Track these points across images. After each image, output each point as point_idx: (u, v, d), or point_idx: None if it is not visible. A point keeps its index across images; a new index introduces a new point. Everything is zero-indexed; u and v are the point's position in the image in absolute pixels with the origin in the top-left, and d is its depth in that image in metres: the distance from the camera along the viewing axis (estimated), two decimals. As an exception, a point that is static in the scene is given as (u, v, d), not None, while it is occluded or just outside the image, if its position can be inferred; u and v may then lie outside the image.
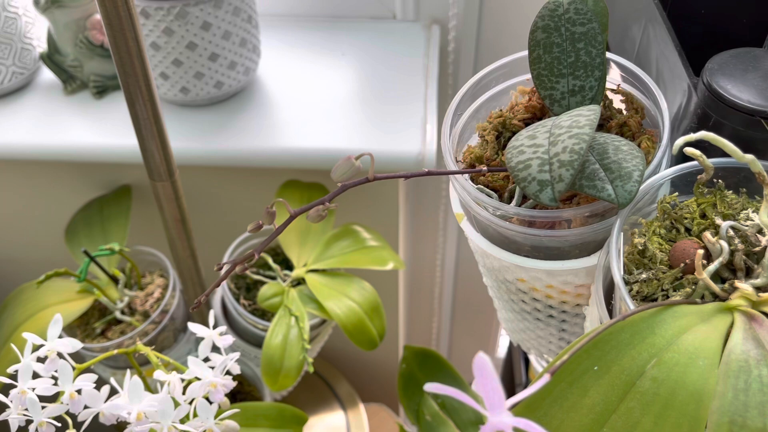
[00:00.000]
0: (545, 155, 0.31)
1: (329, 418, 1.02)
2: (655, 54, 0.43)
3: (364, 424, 1.02)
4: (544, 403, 0.29)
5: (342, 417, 1.03)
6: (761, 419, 0.26)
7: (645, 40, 0.44)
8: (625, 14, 0.49)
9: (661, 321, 0.29)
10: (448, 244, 1.14)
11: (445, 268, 1.19)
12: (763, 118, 0.33)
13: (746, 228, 0.31)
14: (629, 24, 0.48)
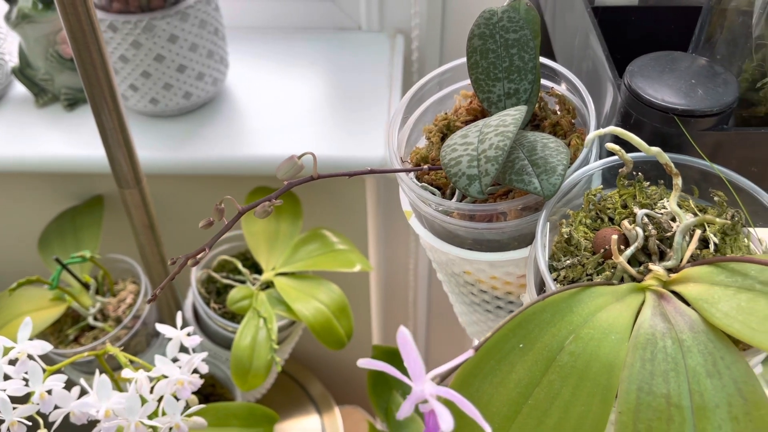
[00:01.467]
0: (474, 152, 0.34)
1: (304, 422, 1.04)
2: (591, 59, 0.46)
3: (339, 426, 1.03)
4: (476, 380, 0.31)
5: (317, 420, 1.05)
6: (665, 385, 0.28)
7: (582, 46, 0.47)
8: (567, 24, 0.52)
9: (579, 301, 0.31)
10: (420, 249, 1.16)
11: (419, 273, 1.21)
12: (676, 115, 0.36)
13: (660, 216, 0.34)
14: (571, 33, 0.51)
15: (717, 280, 0.30)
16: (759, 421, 0.27)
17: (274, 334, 0.66)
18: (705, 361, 0.28)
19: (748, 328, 0.28)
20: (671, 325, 0.30)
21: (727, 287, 0.30)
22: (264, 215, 0.34)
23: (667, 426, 0.28)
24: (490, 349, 0.31)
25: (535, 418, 0.30)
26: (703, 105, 0.36)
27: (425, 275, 1.22)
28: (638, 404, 0.28)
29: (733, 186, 0.35)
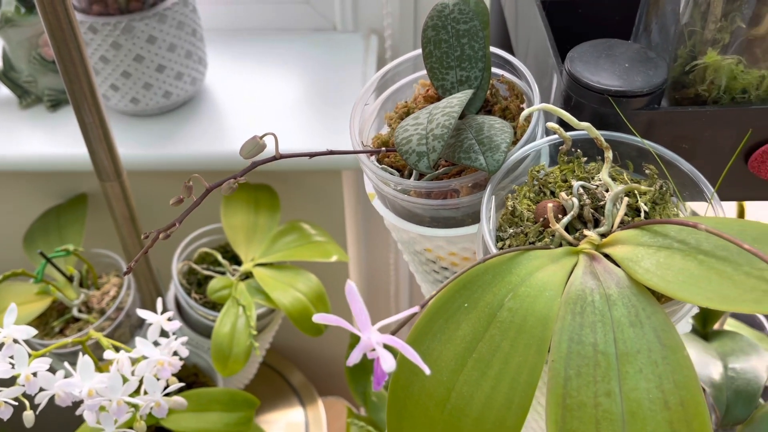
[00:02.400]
0: (423, 131, 0.37)
1: (288, 413, 1.06)
2: (540, 48, 0.49)
3: (322, 417, 1.06)
4: (426, 338, 0.34)
5: (300, 412, 1.07)
6: (593, 335, 0.31)
7: (533, 37, 0.51)
8: (521, 17, 0.55)
9: (518, 263, 0.34)
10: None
11: (399, 267, 1.24)
12: (611, 96, 0.39)
13: (594, 187, 0.37)
14: (524, 25, 0.54)
15: (641, 241, 0.33)
16: (675, 363, 0.30)
17: (252, 321, 0.69)
18: (628, 313, 0.31)
19: (664, 280, 0.31)
20: (600, 282, 0.33)
21: (649, 247, 0.33)
22: (230, 191, 0.37)
23: (594, 371, 0.31)
24: (438, 310, 0.34)
25: (479, 369, 0.33)
26: (634, 86, 0.39)
27: (406, 269, 1.25)
28: (569, 352, 0.31)
29: (663, 160, 0.38)
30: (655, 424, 0.29)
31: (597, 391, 0.30)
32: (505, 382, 0.32)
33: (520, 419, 0.32)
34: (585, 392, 0.30)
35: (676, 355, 0.30)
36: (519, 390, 0.32)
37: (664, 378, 0.30)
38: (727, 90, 0.41)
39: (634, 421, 0.30)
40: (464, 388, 0.33)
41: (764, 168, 0.42)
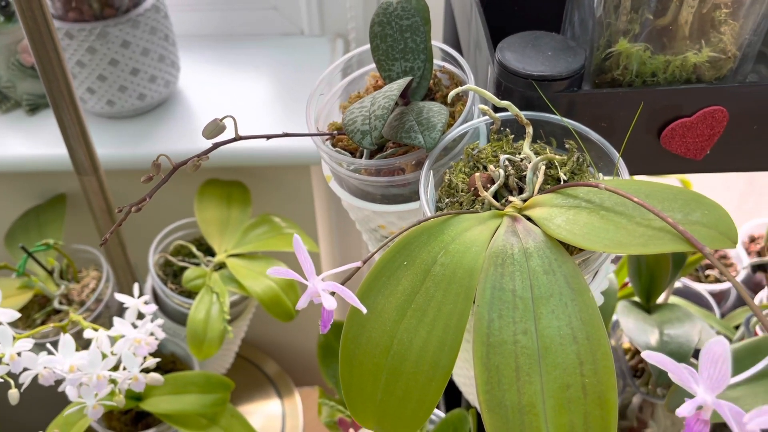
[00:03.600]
0: (367, 113, 0.42)
1: (266, 405, 1.10)
2: (478, 41, 0.54)
3: (298, 408, 1.10)
4: (371, 293, 0.39)
5: (278, 404, 1.11)
6: (512, 282, 0.36)
7: (474, 32, 0.56)
8: (463, 14, 0.60)
9: (450, 225, 0.39)
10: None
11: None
12: (534, 80, 0.44)
13: (518, 160, 0.42)
14: (466, 20, 0.59)
15: (555, 203, 0.38)
16: (582, 304, 0.35)
17: (226, 306, 0.73)
18: (543, 263, 0.36)
19: (572, 233, 0.36)
20: (519, 239, 0.37)
21: (561, 207, 0.38)
22: (194, 169, 0.41)
23: (513, 313, 0.35)
24: (382, 268, 0.39)
25: (416, 318, 0.37)
26: (555, 71, 0.44)
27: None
28: (492, 298, 0.36)
29: (581, 137, 0.43)
30: (565, 356, 0.34)
31: (516, 330, 0.35)
32: (439, 327, 0.36)
33: (452, 359, 0.36)
34: (506, 331, 0.35)
35: (582, 297, 0.35)
36: (450, 333, 0.36)
37: (572, 317, 0.35)
38: (638, 74, 0.46)
39: (548, 354, 0.34)
40: (405, 335, 0.37)
41: (674, 143, 0.47)
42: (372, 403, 0.39)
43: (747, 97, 0.45)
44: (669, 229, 0.33)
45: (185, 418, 0.73)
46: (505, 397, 0.34)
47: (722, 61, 0.45)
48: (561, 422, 0.33)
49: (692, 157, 0.48)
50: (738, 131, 0.47)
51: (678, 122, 0.46)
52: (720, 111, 0.46)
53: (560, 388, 0.34)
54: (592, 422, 0.33)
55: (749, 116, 0.46)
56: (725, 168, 0.49)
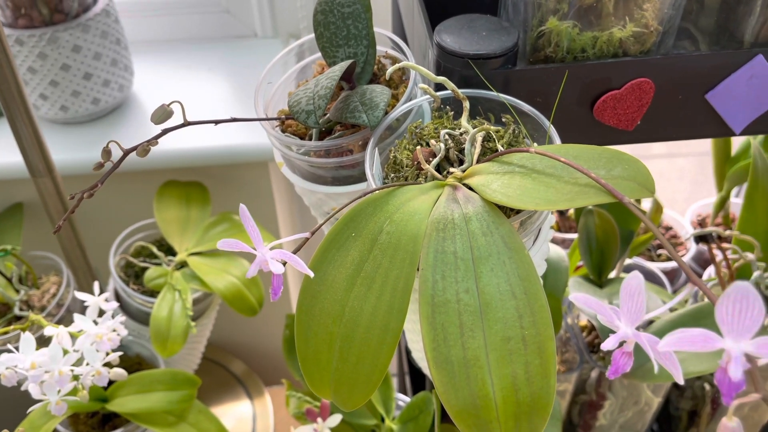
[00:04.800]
0: (311, 94, 0.43)
1: (236, 406, 1.10)
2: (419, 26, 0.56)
3: (269, 408, 1.10)
4: (322, 265, 0.40)
5: (248, 405, 1.11)
6: (453, 245, 0.38)
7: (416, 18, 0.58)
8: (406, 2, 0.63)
9: (394, 196, 0.41)
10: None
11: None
12: (470, 59, 0.46)
13: (458, 134, 0.44)
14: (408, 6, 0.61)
15: (492, 170, 0.40)
16: (519, 261, 0.37)
17: (188, 303, 0.74)
18: (481, 226, 0.38)
19: (507, 196, 0.38)
20: (459, 205, 0.39)
21: (497, 173, 0.40)
22: (144, 153, 0.43)
23: (455, 273, 0.37)
24: (331, 241, 0.40)
25: (365, 285, 0.39)
26: (489, 49, 0.46)
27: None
28: (435, 261, 0.38)
29: (517, 110, 0.45)
30: (505, 311, 0.36)
31: (458, 290, 0.37)
32: (387, 292, 0.38)
33: (401, 321, 0.38)
34: (449, 291, 0.37)
35: (519, 255, 0.37)
36: (398, 297, 0.38)
37: (510, 274, 0.37)
38: (569, 50, 0.48)
39: (489, 310, 0.36)
40: (355, 302, 0.39)
41: (606, 115, 0.50)
42: (328, 372, 0.40)
43: (670, 68, 0.48)
44: (594, 184, 0.35)
45: (152, 416, 0.73)
46: (451, 352, 0.36)
47: (646, 35, 0.48)
48: (504, 373, 0.35)
49: (624, 128, 0.51)
50: (665, 101, 0.50)
51: (608, 94, 0.49)
52: (646, 82, 0.48)
53: (502, 341, 0.36)
54: (533, 370, 0.35)
55: (674, 87, 0.49)
56: (656, 137, 0.52)
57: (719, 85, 0.49)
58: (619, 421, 0.84)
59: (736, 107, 0.50)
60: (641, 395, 0.81)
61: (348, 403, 0.41)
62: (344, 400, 0.41)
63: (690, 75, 0.49)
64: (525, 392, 0.35)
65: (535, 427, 0.36)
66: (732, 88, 0.49)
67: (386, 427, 0.80)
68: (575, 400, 0.83)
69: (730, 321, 0.24)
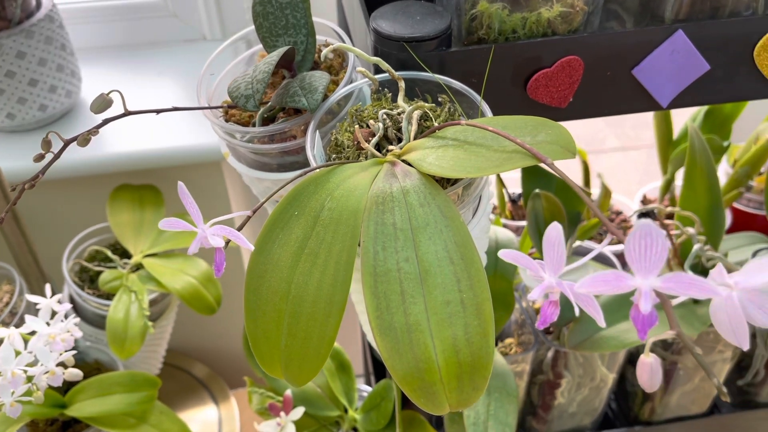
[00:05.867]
0: (249, 79, 0.44)
1: (202, 411, 1.10)
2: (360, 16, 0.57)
3: (234, 411, 1.10)
4: (267, 245, 0.41)
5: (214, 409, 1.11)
6: (392, 217, 0.39)
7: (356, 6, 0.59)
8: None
9: (334, 173, 0.42)
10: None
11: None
12: (405, 42, 0.48)
13: (395, 114, 0.45)
14: (352, 4, 0.63)
15: (427, 145, 0.42)
16: (455, 229, 0.38)
17: (145, 303, 0.74)
18: (418, 197, 0.40)
19: (441, 167, 0.39)
20: (398, 179, 0.41)
21: (432, 148, 0.41)
22: (84, 143, 0.43)
23: (395, 243, 0.38)
24: (275, 220, 0.41)
25: (310, 261, 0.40)
26: (423, 32, 0.48)
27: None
28: (375, 233, 0.39)
29: (452, 90, 0.47)
30: (443, 276, 0.38)
31: (398, 259, 0.38)
32: (331, 266, 0.39)
33: (345, 293, 0.39)
34: (390, 261, 0.38)
35: (455, 222, 0.39)
36: (341, 270, 0.39)
37: (447, 241, 0.38)
38: (500, 32, 0.50)
39: (428, 277, 0.38)
40: (301, 278, 0.40)
41: (540, 93, 0.52)
42: (277, 349, 0.41)
43: (597, 45, 0.50)
44: (520, 149, 0.37)
45: (113, 419, 0.73)
46: (394, 319, 0.37)
47: (572, 15, 0.50)
48: (445, 335, 0.37)
49: (558, 105, 0.53)
50: (595, 78, 0.52)
51: (540, 73, 0.51)
52: (575, 60, 0.51)
53: (441, 305, 0.37)
54: (472, 331, 0.37)
55: (602, 63, 0.52)
56: (589, 114, 0.54)
57: (644, 61, 0.52)
58: (577, 398, 0.87)
59: (661, 81, 0.53)
60: (596, 372, 0.83)
61: (299, 378, 0.42)
62: (295, 377, 0.42)
63: (616, 52, 0.51)
64: (465, 353, 0.37)
65: (477, 385, 0.37)
66: (656, 63, 0.52)
67: (349, 417, 0.81)
68: (534, 380, 0.85)
69: (637, 259, 0.26)
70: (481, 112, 0.44)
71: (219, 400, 1.10)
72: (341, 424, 0.81)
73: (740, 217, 1.11)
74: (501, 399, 0.70)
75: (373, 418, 0.78)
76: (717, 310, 0.30)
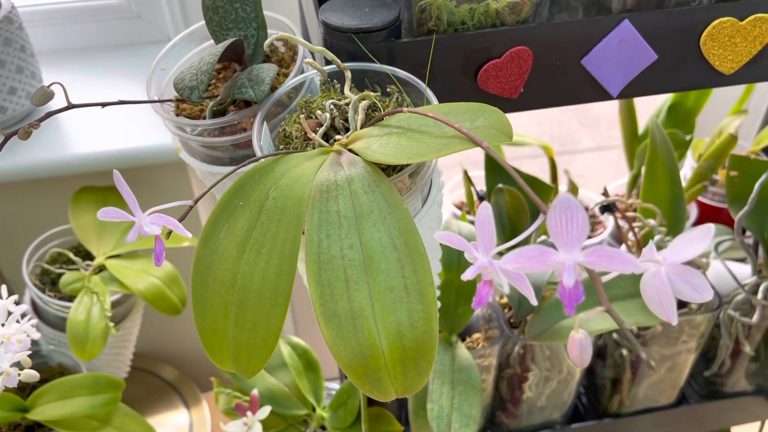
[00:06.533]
0: (194, 71, 0.44)
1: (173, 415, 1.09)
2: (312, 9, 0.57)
3: (206, 414, 1.09)
4: (213, 237, 0.41)
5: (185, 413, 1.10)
6: (336, 205, 0.39)
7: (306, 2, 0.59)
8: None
9: (280, 163, 0.42)
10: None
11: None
12: (353, 33, 0.48)
13: (343, 104, 0.45)
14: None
15: (372, 134, 0.42)
16: (398, 215, 0.39)
17: (107, 304, 0.73)
18: (363, 185, 0.40)
19: (384, 155, 0.39)
20: (343, 168, 0.41)
21: (377, 136, 0.41)
22: (25, 136, 0.43)
23: (339, 231, 0.38)
24: (221, 212, 0.41)
25: (255, 250, 0.40)
26: (371, 23, 0.48)
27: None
28: (319, 221, 0.39)
29: (401, 81, 0.47)
30: (387, 262, 0.38)
31: (342, 246, 0.38)
32: (275, 255, 0.39)
33: (290, 282, 0.39)
34: (334, 249, 0.38)
35: (398, 209, 0.39)
36: (286, 259, 0.39)
37: (391, 228, 0.38)
38: (449, 23, 0.51)
39: (372, 263, 0.38)
40: (246, 268, 0.40)
41: (490, 83, 0.52)
42: (226, 341, 0.41)
43: (545, 35, 0.51)
44: (459, 135, 0.37)
45: (75, 422, 0.72)
46: (338, 306, 0.37)
47: (520, 5, 0.51)
48: (389, 321, 0.37)
49: (509, 96, 0.53)
50: (545, 69, 0.53)
51: (489, 64, 0.51)
52: (524, 50, 0.51)
53: (385, 291, 0.37)
54: (416, 316, 0.37)
55: (551, 54, 0.52)
56: (541, 104, 0.55)
57: (592, 51, 0.52)
58: (545, 392, 0.87)
59: (610, 71, 0.53)
60: (563, 364, 0.83)
61: (248, 369, 0.42)
62: (244, 368, 0.42)
63: (564, 42, 0.52)
64: (409, 337, 0.37)
65: (422, 369, 0.37)
66: (604, 52, 0.52)
67: (317, 415, 0.80)
68: (502, 375, 0.86)
69: (560, 233, 0.26)
70: (426, 100, 0.44)
71: (190, 403, 1.09)
72: (309, 423, 0.81)
73: (706, 211, 1.12)
74: (465, 392, 0.70)
75: (341, 416, 0.78)
76: (646, 286, 0.30)
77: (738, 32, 0.53)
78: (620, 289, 0.70)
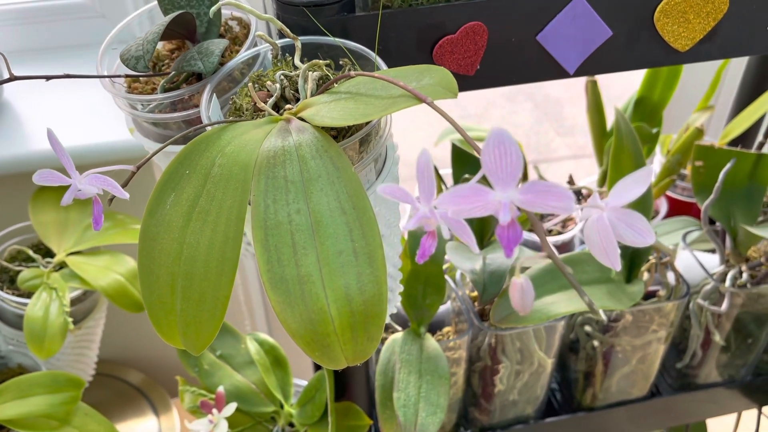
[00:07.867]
0: (141, 42, 0.44)
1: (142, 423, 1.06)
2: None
3: (175, 418, 1.07)
4: (159, 208, 0.40)
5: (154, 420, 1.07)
6: (283, 170, 0.38)
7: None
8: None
9: (227, 131, 0.41)
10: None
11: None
12: (305, 7, 0.48)
13: (293, 74, 0.45)
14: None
15: (322, 101, 0.41)
16: (347, 179, 0.38)
17: (66, 300, 0.71)
18: (311, 150, 0.39)
19: (332, 119, 0.39)
20: (290, 134, 0.40)
21: (326, 102, 0.41)
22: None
23: (286, 196, 0.38)
24: (167, 181, 0.40)
25: (201, 219, 0.39)
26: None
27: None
28: (266, 186, 0.38)
29: (353, 54, 0.47)
30: (335, 226, 0.37)
31: (290, 211, 0.37)
32: (221, 223, 0.38)
33: (237, 249, 0.38)
34: (281, 214, 0.37)
35: (347, 173, 0.38)
36: (232, 226, 0.38)
37: (340, 191, 0.38)
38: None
39: (320, 228, 0.37)
40: (192, 238, 0.39)
41: (446, 60, 0.52)
42: (173, 315, 0.40)
43: (498, 10, 0.51)
44: (406, 94, 0.37)
45: (33, 421, 0.70)
46: (285, 272, 0.36)
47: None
48: (337, 285, 0.36)
49: (465, 73, 0.53)
50: (501, 45, 0.53)
51: (444, 39, 0.51)
52: (479, 26, 0.51)
53: (334, 255, 0.36)
54: (365, 279, 0.36)
55: (506, 30, 0.52)
56: (500, 82, 0.55)
57: (547, 27, 0.52)
58: (518, 385, 0.86)
59: (566, 48, 0.53)
60: (534, 356, 0.83)
61: (197, 344, 0.40)
62: (194, 342, 0.41)
63: (519, 17, 0.52)
64: (358, 301, 0.36)
65: (372, 334, 0.37)
66: (559, 28, 0.52)
67: (285, 412, 0.79)
68: (473, 368, 0.85)
69: (494, 170, 0.25)
70: (376, 67, 0.44)
71: (159, 409, 1.07)
72: (277, 420, 0.79)
73: (675, 205, 1.13)
74: (432, 381, 0.69)
75: (309, 411, 0.77)
76: (590, 232, 0.29)
77: (691, 8, 0.53)
78: (586, 274, 0.70)
